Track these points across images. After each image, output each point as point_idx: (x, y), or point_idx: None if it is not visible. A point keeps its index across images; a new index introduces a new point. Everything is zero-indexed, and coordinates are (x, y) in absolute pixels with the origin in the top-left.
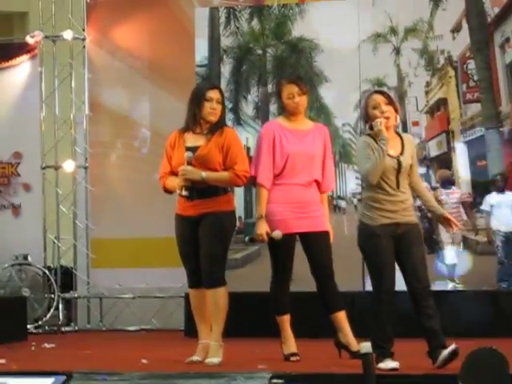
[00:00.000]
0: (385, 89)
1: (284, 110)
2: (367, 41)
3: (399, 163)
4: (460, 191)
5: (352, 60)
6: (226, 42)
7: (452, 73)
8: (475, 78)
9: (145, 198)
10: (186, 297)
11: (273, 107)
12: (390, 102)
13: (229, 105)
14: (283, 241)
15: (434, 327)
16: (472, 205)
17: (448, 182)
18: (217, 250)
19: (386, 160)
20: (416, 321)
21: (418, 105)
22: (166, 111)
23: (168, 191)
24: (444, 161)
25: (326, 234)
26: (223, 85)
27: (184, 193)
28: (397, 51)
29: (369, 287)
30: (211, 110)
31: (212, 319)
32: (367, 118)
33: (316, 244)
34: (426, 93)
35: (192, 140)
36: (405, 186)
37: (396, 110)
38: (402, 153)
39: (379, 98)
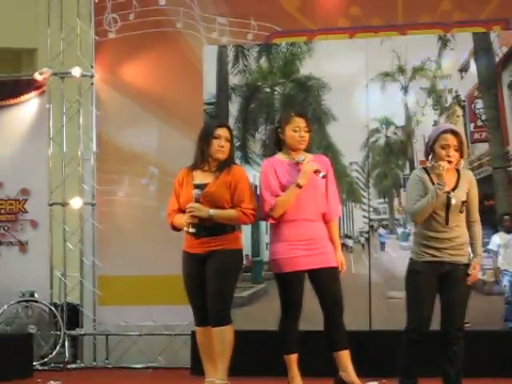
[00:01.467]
0: (392, 128)
1: (283, 145)
2: (375, 79)
3: (449, 199)
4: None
5: (360, 98)
6: (234, 80)
7: (460, 112)
8: (483, 117)
9: (152, 236)
10: (193, 335)
11: None
12: (460, 147)
13: (237, 143)
14: (292, 279)
15: (452, 376)
16: None
17: None
18: (224, 287)
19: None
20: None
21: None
22: (174, 149)
23: (175, 229)
24: None
25: (335, 269)
26: (231, 123)
27: (191, 230)
28: (405, 90)
29: (375, 326)
30: (219, 147)
31: (218, 357)
32: (431, 151)
33: (326, 278)
34: None
35: (200, 177)
36: (456, 222)
37: (461, 155)
38: (454, 188)
39: (451, 140)
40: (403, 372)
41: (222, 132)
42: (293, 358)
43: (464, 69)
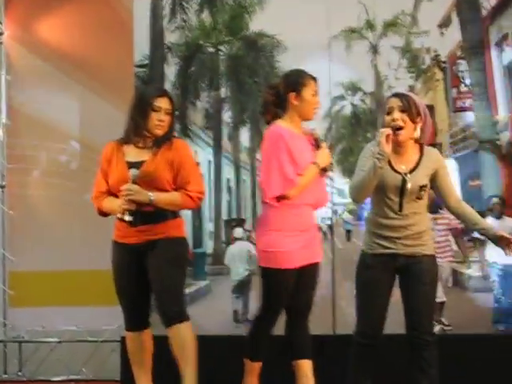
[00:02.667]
0: (359, 95)
1: (286, 111)
2: (338, 37)
3: (404, 182)
4: (449, 216)
5: (321, 60)
6: (170, 37)
7: (440, 75)
8: (467, 81)
9: (74, 223)
10: (123, 341)
11: (226, 115)
12: (406, 108)
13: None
14: (289, 277)
15: None
16: (463, 232)
17: (435, 206)
18: (174, 280)
19: (388, 177)
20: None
21: None
22: (99, 120)
23: (104, 214)
24: None
25: (318, 265)
26: (168, 89)
27: (127, 217)
28: (374, 50)
29: (340, 330)
30: (158, 122)
31: (181, 363)
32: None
33: (313, 274)
34: None
35: (134, 154)
36: (413, 209)
37: (413, 120)
38: (414, 169)
39: (394, 102)
40: None
41: (162, 103)
42: (256, 366)
43: (444, 24)
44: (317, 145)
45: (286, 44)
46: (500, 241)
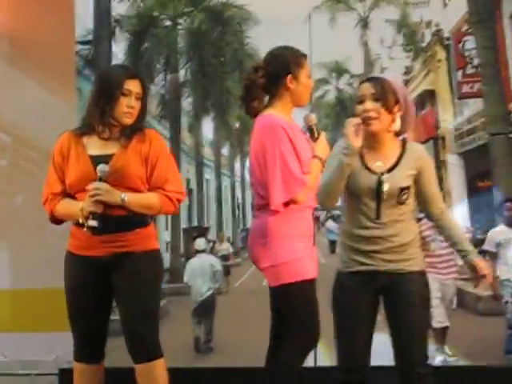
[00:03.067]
0: (346, 78)
1: (277, 98)
2: (321, 8)
3: (379, 183)
4: None
5: (300, 35)
6: (119, 8)
7: (442, 55)
8: (475, 61)
9: (6, 232)
10: (62, 374)
11: (186, 102)
12: (381, 95)
13: None
14: (314, 287)
15: None
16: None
17: None
18: (147, 305)
19: (360, 177)
20: None
21: None
22: (33, 108)
23: (58, 220)
24: None
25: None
26: None
27: (91, 223)
28: (364, 23)
29: (323, 362)
30: (128, 108)
31: None
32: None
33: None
34: (406, 82)
35: (97, 147)
36: (393, 216)
37: (389, 109)
38: (392, 168)
39: (366, 89)
40: None
41: (133, 86)
42: None
43: None
44: (313, 134)
45: (257, 16)
46: (473, 271)
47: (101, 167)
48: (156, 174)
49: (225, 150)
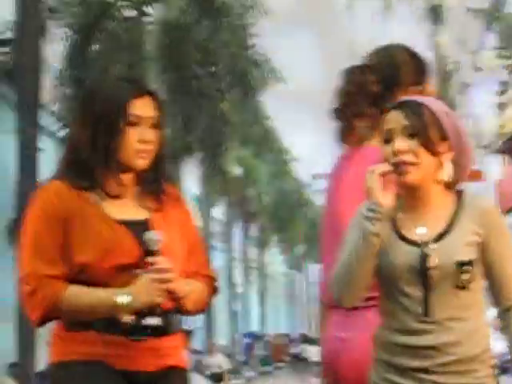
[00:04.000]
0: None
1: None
2: None
3: (424, 257)
4: None
5: (339, 32)
6: None
7: None
8: None
9: None
10: None
11: None
12: (419, 129)
13: (64, 127)
14: None
15: None
16: None
17: None
18: None
19: (396, 251)
20: None
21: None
22: None
23: (52, 318)
24: None
25: None
26: (51, 83)
27: (151, 321)
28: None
29: None
30: (141, 144)
31: None
32: None
33: None
34: (500, 107)
35: (118, 208)
36: (451, 310)
37: (432, 149)
38: (442, 235)
39: (395, 121)
40: None
41: (143, 108)
42: None
43: None
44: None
45: (269, 3)
46: None
47: (150, 235)
48: (195, 254)
49: (217, 211)
